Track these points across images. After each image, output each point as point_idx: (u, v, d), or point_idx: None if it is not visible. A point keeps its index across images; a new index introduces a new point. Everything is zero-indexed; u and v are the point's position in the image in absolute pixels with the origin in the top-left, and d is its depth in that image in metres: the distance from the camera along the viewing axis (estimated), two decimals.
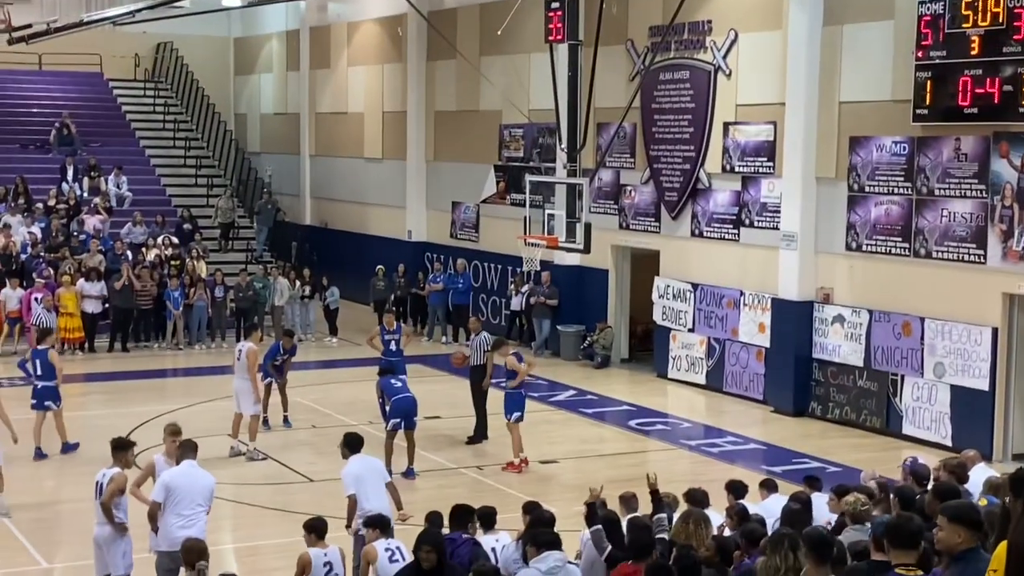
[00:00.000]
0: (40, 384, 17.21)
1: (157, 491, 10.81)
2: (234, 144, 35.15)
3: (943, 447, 17.49)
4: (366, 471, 11.89)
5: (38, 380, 17.24)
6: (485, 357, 18.14)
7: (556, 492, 15.69)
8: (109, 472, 11.12)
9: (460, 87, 29.03)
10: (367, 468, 11.95)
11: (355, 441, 12.14)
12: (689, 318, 22.89)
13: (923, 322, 18.60)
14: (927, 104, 18.27)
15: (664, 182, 23.36)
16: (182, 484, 10.78)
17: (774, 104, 21.04)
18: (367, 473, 11.87)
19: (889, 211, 19.19)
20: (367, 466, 11.98)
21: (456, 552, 9.47)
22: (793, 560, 7.63)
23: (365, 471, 11.88)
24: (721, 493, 11.17)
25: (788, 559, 7.64)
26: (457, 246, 29.16)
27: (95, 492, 11.09)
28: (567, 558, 8.80)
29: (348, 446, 12.12)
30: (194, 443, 11.08)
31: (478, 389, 18.34)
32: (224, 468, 17.03)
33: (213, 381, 21.90)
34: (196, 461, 11.03)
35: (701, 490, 10.92)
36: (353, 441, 12.14)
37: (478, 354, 18.30)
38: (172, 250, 27.77)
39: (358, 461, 11.97)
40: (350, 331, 27.43)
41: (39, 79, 35.82)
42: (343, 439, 12.22)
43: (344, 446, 12.15)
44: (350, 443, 12.13)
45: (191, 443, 11.06)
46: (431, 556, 8.55)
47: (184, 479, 10.84)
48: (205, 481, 10.99)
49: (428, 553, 8.61)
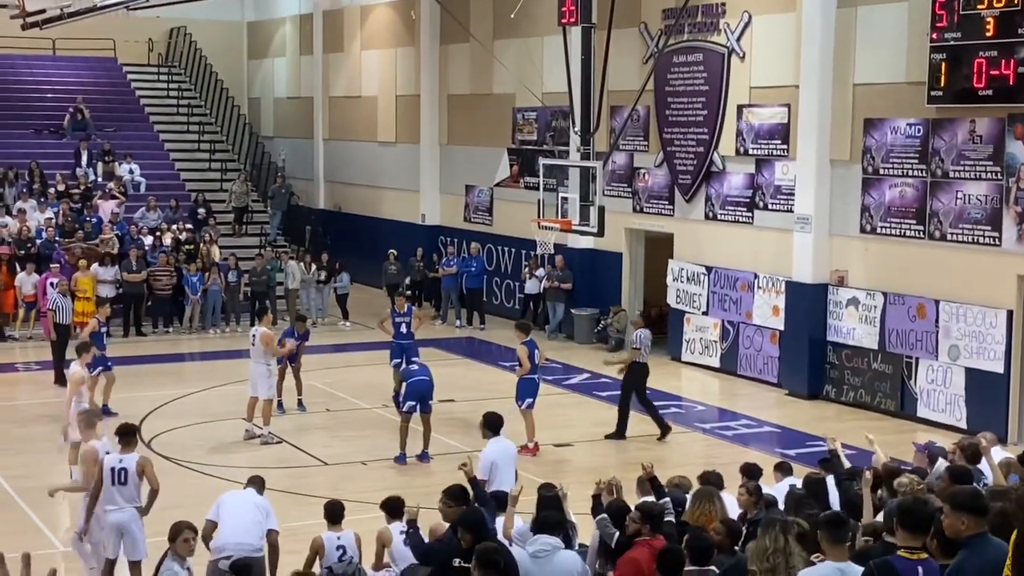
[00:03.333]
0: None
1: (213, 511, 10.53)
2: (248, 128, 35.16)
3: (958, 429, 17.45)
4: (505, 457, 12.14)
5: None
6: (647, 355, 17.77)
7: (570, 475, 15.69)
8: (128, 457, 11.11)
9: (473, 70, 28.99)
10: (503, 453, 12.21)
11: (496, 422, 12.46)
12: (703, 301, 22.87)
13: (938, 304, 18.55)
14: (942, 86, 18.19)
15: (678, 165, 23.32)
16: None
17: (788, 86, 20.97)
18: (502, 458, 12.09)
19: (904, 193, 19.13)
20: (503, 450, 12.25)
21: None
22: (783, 543, 7.63)
23: (504, 456, 12.13)
24: (735, 476, 11.15)
25: (778, 541, 7.65)
26: (471, 229, 29.16)
27: (111, 478, 11.05)
28: (560, 544, 8.72)
29: (489, 427, 12.44)
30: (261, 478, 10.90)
31: (633, 385, 17.80)
32: (239, 452, 17.13)
33: (228, 365, 21.96)
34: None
35: (716, 473, 10.94)
36: (494, 422, 12.46)
37: (642, 351, 17.76)
38: (187, 235, 27.84)
39: (496, 444, 12.27)
40: (363, 315, 27.47)
41: (53, 64, 35.87)
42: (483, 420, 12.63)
43: (484, 427, 12.50)
44: (491, 424, 12.45)
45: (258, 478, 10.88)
46: (467, 536, 8.56)
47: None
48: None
49: (464, 533, 8.62)
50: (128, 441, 11.27)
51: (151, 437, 17.65)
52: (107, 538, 11.19)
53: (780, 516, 8.17)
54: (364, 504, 12.69)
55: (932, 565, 6.82)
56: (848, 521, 7.78)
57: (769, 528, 7.75)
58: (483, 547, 7.95)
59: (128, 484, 11.02)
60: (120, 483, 11.05)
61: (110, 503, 11.09)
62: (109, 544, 11.20)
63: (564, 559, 8.68)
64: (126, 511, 11.07)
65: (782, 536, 7.63)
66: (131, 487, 11.04)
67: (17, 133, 31.90)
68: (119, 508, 11.09)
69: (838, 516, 7.62)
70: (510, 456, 12.33)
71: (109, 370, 18.44)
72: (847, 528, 7.46)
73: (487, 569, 7.61)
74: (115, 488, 11.05)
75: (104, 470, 11.00)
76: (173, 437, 17.68)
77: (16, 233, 26.34)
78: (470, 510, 9.19)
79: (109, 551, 11.22)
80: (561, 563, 8.64)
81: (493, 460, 12.01)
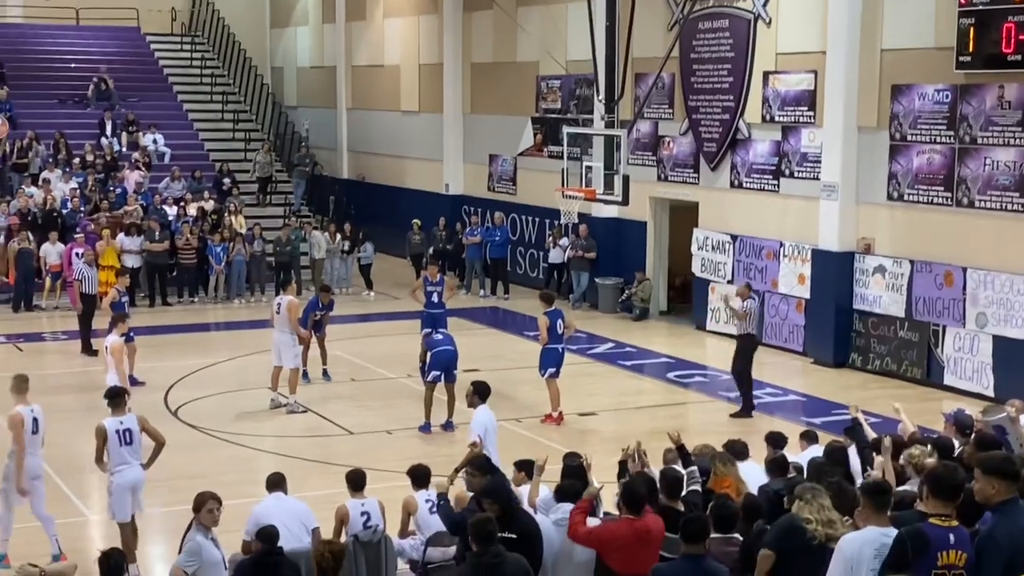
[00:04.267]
0: None
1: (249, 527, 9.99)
2: (271, 98, 35.15)
3: (985, 397, 17.36)
4: (491, 425, 12.21)
5: None
6: (754, 324, 17.50)
7: (595, 444, 15.68)
8: (127, 418, 11.46)
9: (497, 38, 28.86)
10: (491, 422, 12.30)
11: (485, 390, 12.54)
12: (728, 270, 22.77)
13: (965, 272, 18.42)
14: (970, 51, 17.99)
15: (703, 133, 23.18)
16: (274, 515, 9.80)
17: (815, 52, 20.79)
18: (491, 427, 12.16)
19: (931, 160, 18.96)
20: (491, 419, 12.34)
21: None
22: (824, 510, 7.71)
23: (490, 424, 12.19)
24: (760, 445, 11.13)
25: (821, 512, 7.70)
26: (494, 199, 29.10)
27: (117, 440, 11.36)
28: None
29: (479, 395, 12.50)
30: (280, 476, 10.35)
31: (746, 356, 17.47)
32: (265, 420, 17.19)
33: (253, 335, 22.01)
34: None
35: (740, 442, 10.93)
36: (484, 390, 12.54)
37: (751, 320, 17.43)
38: (212, 204, 27.89)
39: (485, 411, 12.33)
40: (387, 285, 27.49)
41: (76, 34, 35.92)
42: (473, 387, 12.66)
43: (474, 394, 12.55)
44: (480, 391, 12.51)
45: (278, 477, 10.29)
46: (494, 507, 8.56)
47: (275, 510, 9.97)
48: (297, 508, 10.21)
49: (491, 505, 8.63)
50: (118, 403, 11.60)
51: (177, 406, 17.72)
52: (119, 499, 11.40)
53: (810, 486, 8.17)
54: (389, 473, 12.71)
55: (963, 532, 6.80)
56: (890, 488, 7.76)
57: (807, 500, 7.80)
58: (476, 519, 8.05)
59: (134, 443, 11.44)
60: (127, 443, 11.41)
61: (121, 463, 11.38)
62: (123, 504, 11.41)
63: None
64: (135, 468, 11.46)
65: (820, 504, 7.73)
66: (136, 445, 11.46)
67: (41, 103, 31.96)
68: (130, 466, 11.42)
69: (880, 484, 7.62)
70: (495, 424, 12.45)
71: (131, 340, 18.48)
72: (889, 495, 7.45)
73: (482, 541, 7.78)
74: (124, 448, 11.38)
75: (108, 434, 11.33)
76: (199, 406, 17.76)
77: (41, 203, 26.44)
78: (494, 480, 9.20)
79: (124, 512, 11.42)
80: None
81: (485, 427, 12.01)
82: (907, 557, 6.65)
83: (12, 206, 26.20)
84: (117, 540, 10.90)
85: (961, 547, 6.73)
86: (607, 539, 8.40)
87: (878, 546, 6.95)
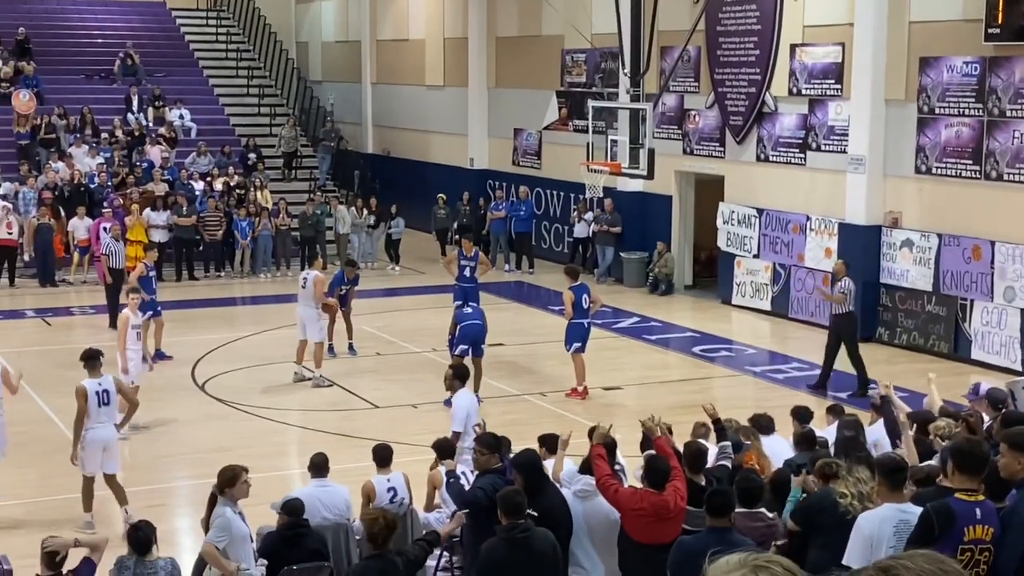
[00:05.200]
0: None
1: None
2: (296, 73, 35.16)
3: (1013, 371, 17.24)
4: (472, 408, 12.17)
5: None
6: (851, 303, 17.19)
7: (620, 418, 15.67)
8: (104, 379, 12.03)
9: (522, 12, 28.76)
10: (473, 404, 12.28)
11: (464, 373, 12.52)
12: (754, 244, 22.69)
13: (993, 246, 18.30)
14: (999, 23, 17.81)
15: (729, 106, 23.06)
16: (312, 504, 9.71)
17: (842, 25, 20.63)
18: (473, 409, 12.12)
19: (960, 133, 18.82)
20: (473, 402, 12.33)
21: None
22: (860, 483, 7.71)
23: (472, 407, 12.16)
24: (786, 419, 11.12)
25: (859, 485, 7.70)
26: (519, 173, 29.06)
27: (96, 401, 11.88)
28: None
29: (459, 378, 12.41)
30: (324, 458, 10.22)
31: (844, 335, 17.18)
32: (291, 394, 17.27)
33: (279, 309, 22.09)
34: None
35: (766, 416, 10.92)
36: (463, 373, 12.49)
37: (849, 300, 17.16)
38: (237, 179, 27.97)
39: (466, 394, 12.31)
40: (412, 259, 27.52)
41: (102, 9, 35.99)
42: (452, 371, 12.56)
43: (454, 378, 12.44)
44: (460, 375, 12.45)
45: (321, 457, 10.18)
46: (519, 479, 8.61)
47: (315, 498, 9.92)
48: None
49: (516, 475, 8.67)
50: (93, 365, 12.08)
51: (204, 380, 17.82)
52: (90, 454, 11.93)
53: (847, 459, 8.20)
54: (415, 447, 12.75)
55: (989, 507, 6.77)
56: (906, 465, 7.73)
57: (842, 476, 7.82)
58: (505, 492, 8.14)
59: (111, 404, 12.04)
60: (105, 404, 11.98)
61: (96, 422, 11.93)
62: (93, 460, 11.96)
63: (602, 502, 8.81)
64: (109, 427, 12.04)
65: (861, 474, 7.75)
66: (112, 406, 12.06)
67: (68, 79, 32.07)
68: (104, 425, 11.99)
69: (896, 460, 7.57)
70: (476, 407, 12.40)
71: (159, 315, 18.58)
72: (905, 472, 7.43)
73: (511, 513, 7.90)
74: (101, 409, 11.95)
75: (88, 395, 11.85)
76: (226, 380, 17.84)
77: (68, 179, 26.56)
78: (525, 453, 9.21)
79: (92, 467, 11.99)
80: (602, 503, 8.75)
81: (468, 411, 11.96)
82: (933, 532, 6.63)
83: (40, 181, 26.33)
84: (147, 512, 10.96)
85: (988, 522, 6.71)
86: (624, 503, 8.41)
87: (896, 523, 6.94)
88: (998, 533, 6.71)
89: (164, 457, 14.54)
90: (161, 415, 16.14)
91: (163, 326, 18.79)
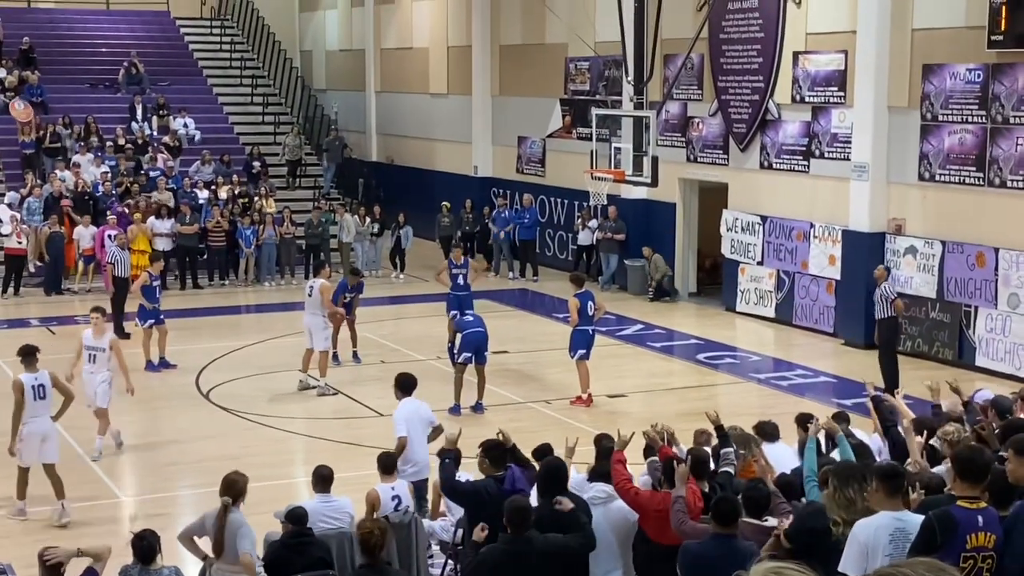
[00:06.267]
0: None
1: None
2: (300, 81, 35.22)
3: (1017, 379, 17.24)
4: (414, 416, 11.80)
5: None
6: (893, 308, 17.28)
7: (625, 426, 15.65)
8: (40, 375, 12.44)
9: (525, 20, 28.80)
10: (415, 413, 11.86)
11: (409, 383, 12.09)
12: (758, 251, 22.70)
13: (997, 253, 18.30)
14: (1002, 30, 17.83)
15: (732, 114, 23.08)
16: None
17: (845, 32, 20.66)
18: (415, 418, 11.78)
19: (963, 140, 18.83)
20: (415, 410, 11.89)
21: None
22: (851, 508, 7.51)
23: (414, 416, 11.79)
24: (791, 426, 11.10)
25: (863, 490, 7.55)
26: (523, 181, 29.08)
27: (32, 395, 12.33)
28: (615, 493, 8.84)
29: (401, 388, 12.06)
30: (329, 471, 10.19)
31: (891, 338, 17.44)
32: (295, 403, 17.28)
33: (284, 317, 22.13)
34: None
35: (771, 423, 10.90)
36: (407, 383, 12.09)
37: (884, 306, 17.31)
38: (241, 188, 28.00)
39: (409, 404, 11.92)
40: (416, 267, 27.54)
41: (107, 18, 36.07)
42: (395, 380, 12.18)
43: (397, 387, 12.10)
44: (404, 385, 12.07)
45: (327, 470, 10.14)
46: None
47: None
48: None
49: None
50: (30, 361, 12.50)
51: (208, 389, 17.84)
52: (28, 445, 12.41)
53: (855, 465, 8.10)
54: None
55: (992, 513, 6.77)
56: (904, 472, 7.70)
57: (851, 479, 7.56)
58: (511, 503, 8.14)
59: (47, 398, 12.50)
60: (40, 398, 12.43)
61: (33, 415, 12.39)
62: (30, 451, 12.45)
63: (618, 505, 8.91)
64: (46, 420, 12.52)
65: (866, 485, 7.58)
66: (48, 400, 12.52)
67: (72, 88, 32.13)
68: (41, 418, 12.46)
69: (894, 468, 7.55)
70: (421, 417, 11.88)
71: (161, 323, 18.65)
72: (902, 479, 7.39)
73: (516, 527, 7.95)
74: (37, 402, 12.40)
75: (25, 389, 12.32)
76: (230, 389, 17.86)
77: (73, 187, 26.62)
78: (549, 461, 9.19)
79: (29, 458, 12.49)
80: (615, 509, 8.83)
81: (405, 419, 11.68)
82: (936, 540, 6.62)
83: (44, 190, 26.38)
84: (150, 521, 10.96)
85: (990, 529, 6.70)
86: (645, 505, 8.56)
87: (892, 531, 6.89)
88: (1001, 540, 6.71)
89: (168, 466, 14.56)
90: (166, 424, 16.18)
91: (167, 334, 18.83)
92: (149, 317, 18.59)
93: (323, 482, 9.97)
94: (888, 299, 17.26)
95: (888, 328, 17.34)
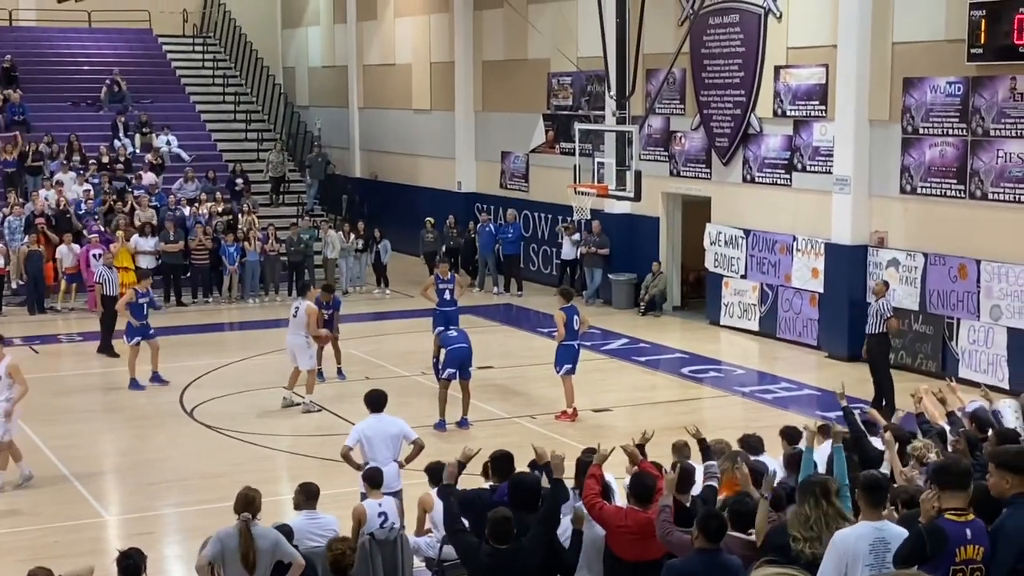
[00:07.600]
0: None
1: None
2: (283, 98, 35.24)
3: (1000, 390, 17.27)
4: (374, 430, 11.67)
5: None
6: (886, 325, 17.20)
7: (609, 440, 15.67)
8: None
9: (508, 36, 28.88)
10: (375, 427, 11.73)
11: (375, 399, 11.93)
12: (741, 264, 22.76)
13: (979, 264, 18.39)
14: (982, 43, 17.95)
15: (715, 128, 23.16)
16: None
17: (826, 46, 20.76)
18: (375, 434, 11.65)
19: (944, 153, 18.93)
20: (375, 425, 11.76)
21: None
22: (825, 507, 7.46)
23: (373, 430, 11.67)
24: (775, 439, 11.14)
25: (820, 507, 7.46)
26: (507, 196, 29.12)
27: None
28: None
29: (368, 403, 11.91)
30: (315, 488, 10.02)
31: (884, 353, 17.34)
32: (280, 420, 17.24)
33: (268, 334, 22.08)
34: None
35: (755, 436, 10.90)
36: (374, 399, 11.93)
37: (876, 321, 17.27)
38: (224, 205, 27.97)
39: (371, 419, 11.79)
40: (401, 283, 27.52)
41: (89, 36, 36.03)
42: (365, 397, 12.03)
43: (365, 404, 11.96)
44: (370, 400, 11.91)
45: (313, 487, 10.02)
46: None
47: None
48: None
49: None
50: None
51: (193, 406, 17.79)
52: None
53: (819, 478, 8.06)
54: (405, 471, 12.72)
55: (979, 525, 6.78)
56: (886, 484, 7.71)
57: (807, 494, 7.52)
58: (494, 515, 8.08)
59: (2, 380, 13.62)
60: None
61: None
62: None
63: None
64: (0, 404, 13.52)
65: (823, 500, 7.49)
66: (3, 386, 13.62)
67: (54, 106, 32.07)
68: None
69: (876, 479, 7.53)
70: (383, 433, 11.70)
71: (152, 338, 18.67)
72: (884, 491, 7.39)
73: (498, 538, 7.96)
74: None
75: None
76: (214, 406, 17.81)
77: (55, 205, 26.54)
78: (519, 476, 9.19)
79: None
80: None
81: (361, 433, 11.61)
82: (924, 551, 6.63)
83: (26, 208, 26.30)
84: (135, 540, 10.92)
85: (978, 541, 6.71)
86: (609, 520, 8.44)
87: (872, 540, 6.87)
88: (988, 552, 6.73)
89: (153, 484, 14.49)
90: (150, 442, 16.12)
91: (159, 349, 18.84)
92: (136, 334, 18.59)
93: (309, 499, 9.93)
94: (883, 316, 17.26)
95: (877, 343, 17.36)
